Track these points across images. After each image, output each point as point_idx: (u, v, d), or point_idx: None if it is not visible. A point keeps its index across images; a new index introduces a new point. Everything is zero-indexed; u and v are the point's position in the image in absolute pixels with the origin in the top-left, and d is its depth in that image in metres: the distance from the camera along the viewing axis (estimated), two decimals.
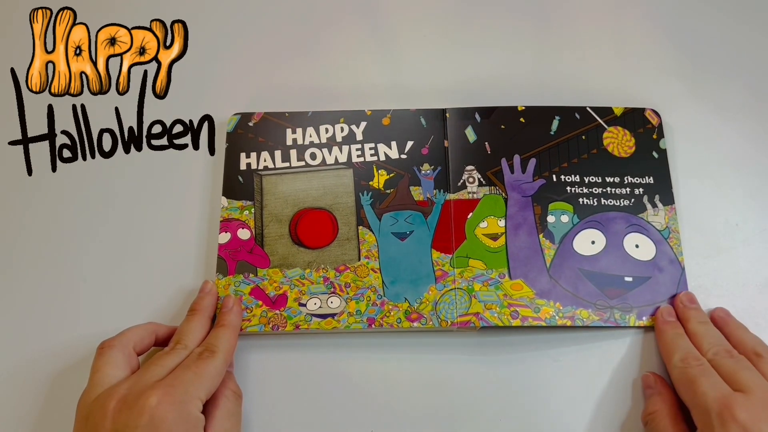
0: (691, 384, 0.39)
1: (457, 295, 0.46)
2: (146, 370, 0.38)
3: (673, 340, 0.43)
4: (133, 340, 0.41)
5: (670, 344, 0.43)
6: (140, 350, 0.41)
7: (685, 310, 0.45)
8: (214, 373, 0.38)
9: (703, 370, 0.40)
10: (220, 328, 0.42)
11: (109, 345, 0.40)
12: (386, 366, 0.45)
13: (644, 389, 0.43)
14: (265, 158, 0.50)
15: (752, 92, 0.54)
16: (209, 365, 0.38)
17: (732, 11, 0.57)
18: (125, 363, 0.39)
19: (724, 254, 0.48)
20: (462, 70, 0.55)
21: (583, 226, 0.48)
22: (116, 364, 0.39)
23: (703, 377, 0.39)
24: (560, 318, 0.45)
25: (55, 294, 0.47)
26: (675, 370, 0.41)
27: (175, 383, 0.36)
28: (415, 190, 0.49)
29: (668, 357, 0.42)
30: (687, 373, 0.40)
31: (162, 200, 0.50)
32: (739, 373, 0.39)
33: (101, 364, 0.39)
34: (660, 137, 0.51)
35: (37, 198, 0.50)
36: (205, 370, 0.38)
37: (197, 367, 0.38)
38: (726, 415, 0.36)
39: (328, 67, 0.55)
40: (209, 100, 0.54)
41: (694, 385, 0.39)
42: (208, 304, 0.44)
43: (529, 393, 0.44)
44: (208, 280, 0.46)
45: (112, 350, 0.39)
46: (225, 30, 0.57)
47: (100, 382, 0.38)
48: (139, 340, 0.41)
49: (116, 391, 0.36)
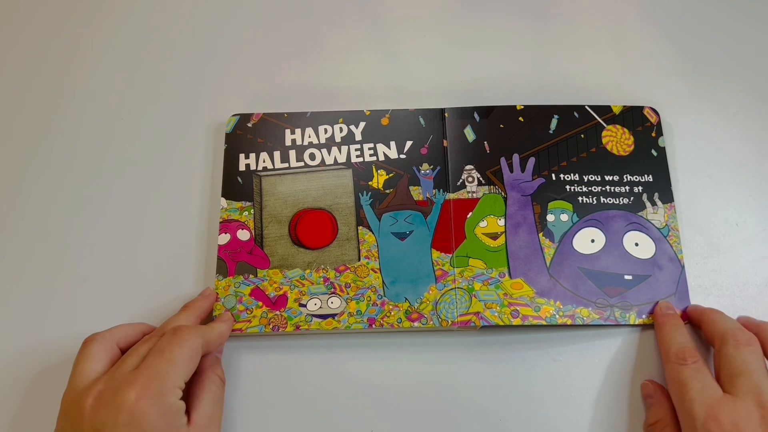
0: (682, 386, 0.39)
1: (457, 294, 0.46)
2: (122, 362, 0.37)
3: (671, 332, 0.43)
4: (118, 336, 0.40)
5: (667, 336, 0.43)
6: (125, 346, 0.40)
7: (695, 308, 0.45)
8: (189, 355, 0.37)
9: (695, 370, 0.39)
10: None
11: (92, 339, 0.39)
12: (386, 366, 0.45)
13: (644, 398, 0.43)
14: (264, 159, 0.50)
15: (752, 91, 0.54)
16: (183, 346, 0.37)
17: (732, 10, 0.57)
18: (105, 356, 0.38)
19: (724, 254, 0.48)
20: (461, 69, 0.55)
21: (583, 225, 0.48)
22: (96, 357, 0.38)
23: (694, 380, 0.39)
24: (560, 317, 0.45)
25: (55, 293, 0.47)
26: (669, 365, 0.41)
27: (149, 374, 0.35)
28: (414, 190, 0.49)
29: (665, 350, 0.42)
30: (680, 373, 0.40)
31: (161, 201, 0.50)
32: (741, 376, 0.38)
33: (81, 359, 0.38)
34: (659, 135, 0.51)
35: (35, 197, 0.50)
36: (178, 354, 0.37)
37: (170, 352, 0.36)
38: (711, 425, 0.36)
39: (326, 67, 0.55)
40: (208, 101, 0.54)
41: (684, 388, 0.39)
42: (201, 305, 0.44)
43: (529, 392, 0.44)
44: (210, 287, 0.46)
45: (94, 343, 0.39)
46: (224, 30, 0.57)
47: (80, 375, 0.37)
48: (124, 336, 0.40)
49: (93, 388, 0.35)
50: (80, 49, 0.56)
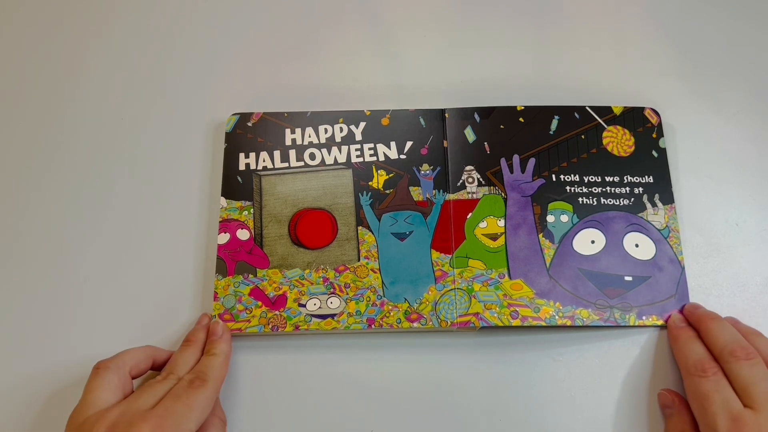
0: (704, 400, 0.39)
1: (456, 295, 0.46)
2: (137, 397, 0.37)
3: (686, 344, 0.43)
4: (129, 364, 0.40)
5: (683, 348, 0.43)
6: (136, 374, 0.41)
7: (693, 312, 0.45)
8: (204, 403, 0.38)
9: (716, 382, 0.39)
10: (211, 356, 0.42)
11: (105, 366, 0.39)
12: (386, 366, 0.45)
13: (662, 408, 0.43)
14: (264, 158, 0.50)
15: (752, 91, 0.54)
16: (200, 395, 0.38)
17: (732, 10, 0.57)
18: (119, 387, 0.39)
19: (724, 254, 0.48)
20: (461, 70, 0.55)
21: (583, 226, 0.48)
22: (110, 387, 0.38)
23: (716, 393, 0.39)
24: (560, 318, 0.45)
25: (54, 293, 0.47)
26: (688, 378, 0.41)
27: (166, 414, 0.36)
28: (414, 191, 0.49)
29: (683, 362, 0.42)
30: (700, 386, 0.40)
31: (161, 200, 0.50)
32: (752, 387, 0.38)
33: (95, 386, 0.38)
34: (660, 136, 0.51)
35: (35, 197, 0.50)
36: (196, 401, 0.38)
37: (188, 398, 0.37)
38: None
39: (327, 67, 0.55)
40: (208, 100, 0.53)
41: (706, 401, 0.39)
42: (202, 337, 0.44)
43: (529, 393, 0.44)
44: (206, 313, 0.46)
45: (108, 372, 0.39)
46: (224, 30, 0.57)
47: (91, 403, 0.37)
48: (136, 363, 0.41)
49: (106, 417, 0.36)
50: (80, 49, 0.56)
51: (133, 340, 0.43)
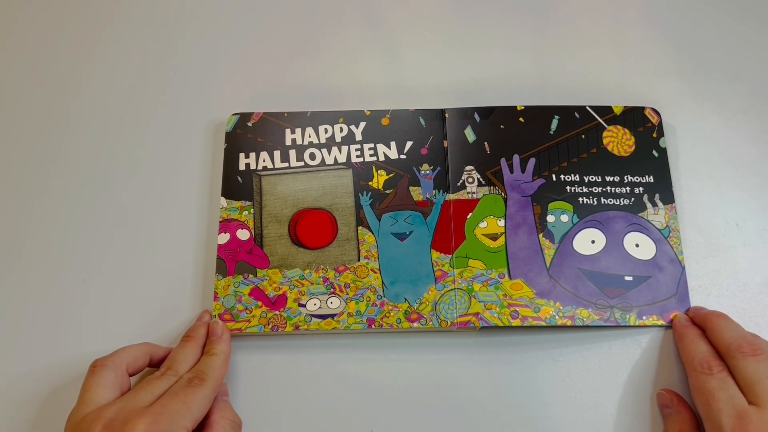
0: (709, 397, 0.39)
1: (456, 295, 0.46)
2: (135, 394, 0.38)
3: (692, 342, 0.43)
4: (126, 361, 0.40)
5: (689, 346, 0.42)
6: (133, 371, 0.41)
7: (699, 311, 0.45)
8: (202, 403, 0.38)
9: (721, 379, 0.39)
10: (211, 356, 0.42)
11: (101, 364, 0.39)
12: (386, 366, 0.45)
13: (661, 408, 0.43)
14: (264, 158, 0.50)
15: (752, 91, 0.54)
16: (197, 394, 0.38)
17: (732, 11, 0.57)
18: (116, 384, 0.39)
19: (724, 254, 0.48)
20: (461, 70, 0.55)
21: (583, 226, 0.48)
22: (107, 384, 0.38)
23: (721, 390, 0.39)
24: (560, 318, 0.45)
25: (54, 292, 0.47)
26: (694, 375, 0.41)
27: (162, 411, 0.36)
28: (414, 191, 0.49)
29: (689, 359, 0.42)
30: (706, 384, 0.40)
31: (161, 200, 0.50)
32: (758, 385, 0.38)
33: (92, 384, 0.38)
34: (660, 136, 0.51)
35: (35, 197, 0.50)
36: (193, 399, 0.38)
37: (185, 396, 0.38)
38: None
39: (327, 67, 0.55)
40: (208, 100, 0.53)
41: (711, 399, 0.39)
42: (203, 333, 0.44)
43: (529, 393, 0.44)
44: (208, 310, 0.46)
45: (105, 370, 0.39)
46: (224, 30, 0.57)
47: (89, 401, 0.37)
48: (133, 360, 0.41)
49: (103, 414, 0.36)
50: (81, 49, 0.56)
51: (133, 341, 0.43)
